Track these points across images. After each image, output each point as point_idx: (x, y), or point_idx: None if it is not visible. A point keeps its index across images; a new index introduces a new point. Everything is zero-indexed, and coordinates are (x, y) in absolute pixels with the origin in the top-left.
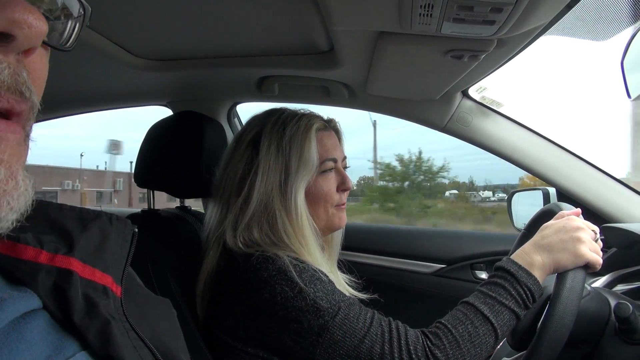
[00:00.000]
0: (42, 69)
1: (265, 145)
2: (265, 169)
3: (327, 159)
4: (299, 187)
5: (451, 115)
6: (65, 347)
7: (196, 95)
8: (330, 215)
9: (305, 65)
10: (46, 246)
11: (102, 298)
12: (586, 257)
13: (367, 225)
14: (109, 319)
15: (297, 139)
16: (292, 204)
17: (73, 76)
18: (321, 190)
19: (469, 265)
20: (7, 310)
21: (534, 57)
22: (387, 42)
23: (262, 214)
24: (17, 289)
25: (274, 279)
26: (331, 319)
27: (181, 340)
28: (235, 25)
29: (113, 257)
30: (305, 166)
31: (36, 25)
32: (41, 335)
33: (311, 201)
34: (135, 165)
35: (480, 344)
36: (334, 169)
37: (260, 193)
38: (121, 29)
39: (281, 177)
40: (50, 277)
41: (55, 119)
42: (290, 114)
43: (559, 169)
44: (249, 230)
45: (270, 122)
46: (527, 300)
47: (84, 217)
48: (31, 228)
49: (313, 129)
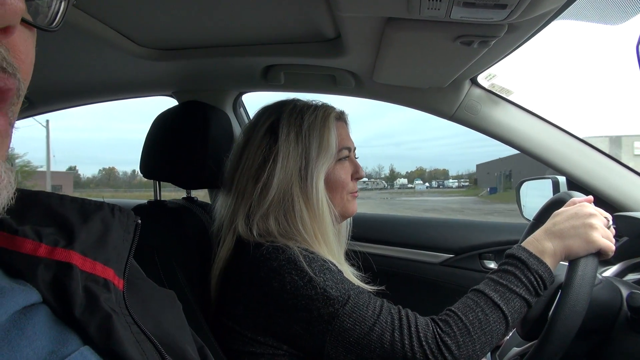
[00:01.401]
0: (26, 51)
1: (284, 133)
2: (285, 155)
3: (344, 147)
4: (319, 173)
5: (460, 103)
6: (67, 341)
7: (201, 85)
8: (345, 202)
9: (312, 53)
10: (45, 239)
11: (103, 291)
12: (598, 243)
13: (374, 215)
14: (110, 312)
15: (316, 126)
16: (313, 189)
17: (77, 67)
18: (339, 177)
19: (478, 255)
20: (7, 304)
21: (545, 42)
22: (394, 28)
23: (281, 201)
24: (16, 281)
25: (283, 268)
26: (341, 307)
27: (187, 332)
28: (240, 14)
29: (115, 250)
30: (326, 153)
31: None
32: (42, 331)
33: (329, 188)
34: (141, 156)
35: (491, 331)
36: (348, 158)
37: (280, 179)
38: (126, 18)
39: (301, 163)
40: (50, 271)
41: (58, 111)
42: (306, 103)
43: (570, 157)
44: (265, 219)
45: (287, 110)
46: (539, 288)
47: (86, 208)
48: (30, 220)
49: (331, 117)
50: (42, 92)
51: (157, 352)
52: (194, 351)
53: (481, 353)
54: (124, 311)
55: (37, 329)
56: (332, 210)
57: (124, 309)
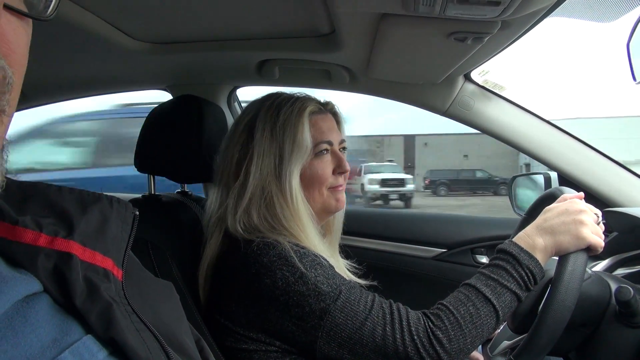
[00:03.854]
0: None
1: (259, 130)
2: (260, 153)
3: (321, 141)
4: (293, 171)
5: (453, 99)
6: (70, 330)
7: (196, 79)
8: (325, 197)
9: (306, 48)
10: (45, 229)
11: (103, 281)
12: (588, 239)
13: (367, 209)
14: (110, 302)
15: (291, 122)
16: (287, 187)
17: (71, 60)
18: (315, 173)
19: (470, 250)
20: (9, 292)
21: (537, 39)
22: (389, 24)
23: (260, 197)
24: (17, 271)
25: (274, 264)
26: (332, 302)
27: (184, 323)
28: (235, 8)
29: (114, 241)
30: (299, 150)
31: None
32: (45, 319)
33: (306, 184)
34: (135, 150)
35: (482, 325)
36: (329, 152)
37: (256, 178)
38: (120, 11)
39: (276, 161)
40: (50, 261)
41: (51, 104)
42: (285, 97)
43: (561, 153)
44: (248, 215)
45: (265, 106)
46: (529, 282)
47: (84, 199)
48: (30, 211)
49: (306, 112)
50: (36, 86)
51: (157, 342)
52: (192, 343)
53: (472, 346)
54: (123, 301)
55: (40, 317)
56: (307, 208)
57: (123, 298)
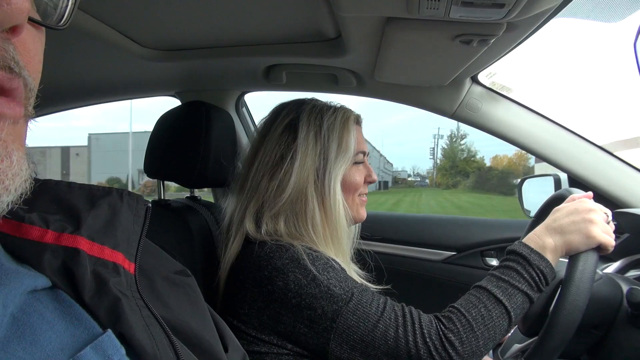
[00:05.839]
0: (35, 50)
1: (303, 131)
2: (303, 153)
3: (360, 151)
4: (337, 174)
5: (460, 101)
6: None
7: (204, 85)
8: (356, 205)
9: (313, 53)
10: (52, 225)
11: (112, 275)
12: (598, 238)
13: (376, 213)
14: (119, 296)
15: (336, 128)
16: (329, 190)
17: (80, 67)
18: (353, 180)
19: (479, 253)
20: (12, 284)
21: (545, 40)
22: (394, 28)
23: (294, 201)
24: (22, 265)
25: (287, 267)
26: (345, 304)
27: (208, 320)
28: (241, 14)
29: (124, 234)
30: (345, 155)
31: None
32: (59, 315)
33: (344, 190)
34: (145, 156)
35: (494, 327)
36: (363, 161)
37: (297, 178)
38: (128, 19)
39: (319, 163)
40: (58, 257)
41: (61, 112)
42: (325, 104)
43: (571, 154)
44: (275, 219)
45: (307, 109)
46: (540, 283)
47: (94, 194)
48: (37, 207)
49: (351, 120)
50: (47, 93)
51: (166, 336)
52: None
53: (484, 349)
54: (135, 294)
55: (56, 314)
56: (347, 211)
57: (135, 292)
